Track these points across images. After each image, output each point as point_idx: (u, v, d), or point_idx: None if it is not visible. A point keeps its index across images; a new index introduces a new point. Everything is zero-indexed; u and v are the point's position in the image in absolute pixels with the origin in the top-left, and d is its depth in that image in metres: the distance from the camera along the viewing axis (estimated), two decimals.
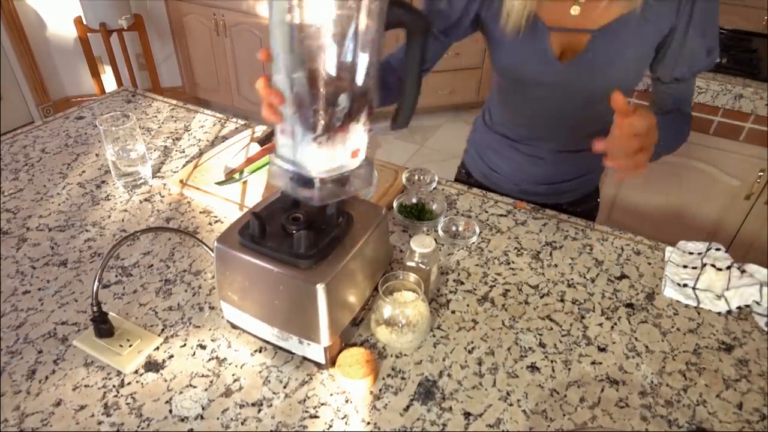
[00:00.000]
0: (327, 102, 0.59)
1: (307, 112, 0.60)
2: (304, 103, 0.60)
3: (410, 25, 0.64)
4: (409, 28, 0.64)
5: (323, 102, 0.59)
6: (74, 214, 1.01)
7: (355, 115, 0.62)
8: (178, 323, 0.80)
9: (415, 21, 0.64)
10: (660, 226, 2.08)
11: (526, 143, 1.09)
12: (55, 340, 0.77)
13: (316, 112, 0.60)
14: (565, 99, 0.97)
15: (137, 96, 1.45)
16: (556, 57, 0.92)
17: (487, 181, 1.19)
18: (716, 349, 0.78)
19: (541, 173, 1.11)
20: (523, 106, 1.06)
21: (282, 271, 0.66)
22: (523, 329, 0.80)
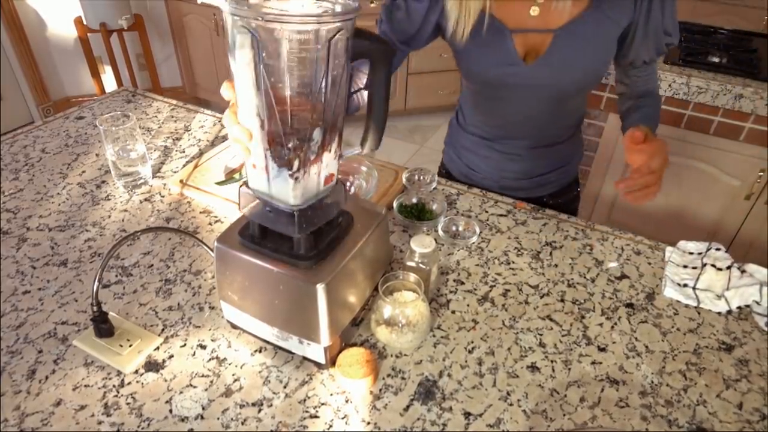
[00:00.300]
0: (300, 138, 0.60)
1: (281, 150, 0.60)
2: (276, 141, 0.60)
3: (375, 55, 0.64)
4: (374, 57, 0.64)
5: (297, 139, 0.60)
6: (74, 214, 1.01)
7: (328, 145, 0.63)
8: (178, 323, 0.80)
9: (381, 50, 0.64)
10: (660, 226, 2.08)
11: (501, 141, 1.11)
12: (55, 339, 0.77)
13: (291, 150, 0.60)
14: (533, 98, 0.99)
15: (137, 96, 1.45)
16: (521, 58, 0.93)
17: (468, 180, 1.20)
18: (716, 349, 0.78)
19: (519, 168, 1.13)
20: (493, 108, 1.07)
21: (282, 271, 0.66)
22: (524, 329, 0.80)
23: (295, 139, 0.59)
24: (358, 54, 0.61)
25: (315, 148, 0.61)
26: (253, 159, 0.63)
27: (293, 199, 0.63)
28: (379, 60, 0.64)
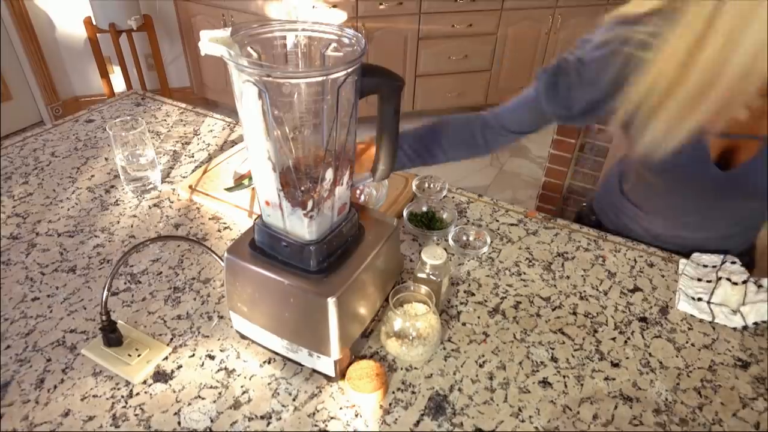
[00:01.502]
0: (313, 180, 0.60)
1: (294, 192, 0.60)
2: (289, 183, 0.60)
3: (385, 90, 0.63)
4: (383, 93, 0.64)
5: (309, 181, 0.60)
6: (83, 220, 1.01)
7: (340, 180, 0.63)
8: (187, 332, 0.79)
9: (390, 85, 0.63)
10: None
11: (667, 220, 1.01)
12: (64, 348, 0.76)
13: (304, 192, 0.60)
14: (711, 202, 0.92)
15: (146, 99, 1.45)
16: (716, 163, 0.83)
17: (621, 231, 1.09)
18: (732, 366, 0.77)
19: (682, 244, 1.01)
20: (668, 197, 0.98)
21: (293, 284, 0.66)
22: (535, 343, 0.79)
23: (308, 181, 0.59)
24: (368, 90, 0.60)
25: (328, 186, 0.60)
26: (266, 196, 0.63)
27: (309, 235, 0.63)
28: (389, 95, 0.63)
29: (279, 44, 0.61)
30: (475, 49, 3.22)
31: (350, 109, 0.58)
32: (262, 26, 0.59)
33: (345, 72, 0.53)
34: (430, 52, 3.16)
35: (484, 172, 3.02)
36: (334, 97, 0.55)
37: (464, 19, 3.08)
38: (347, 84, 0.55)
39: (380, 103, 0.63)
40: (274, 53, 0.61)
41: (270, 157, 0.59)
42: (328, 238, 0.66)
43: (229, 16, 2.99)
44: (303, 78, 0.52)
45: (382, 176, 0.70)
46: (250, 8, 2.90)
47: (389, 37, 3.02)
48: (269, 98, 0.53)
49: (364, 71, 0.58)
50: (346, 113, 0.58)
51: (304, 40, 0.61)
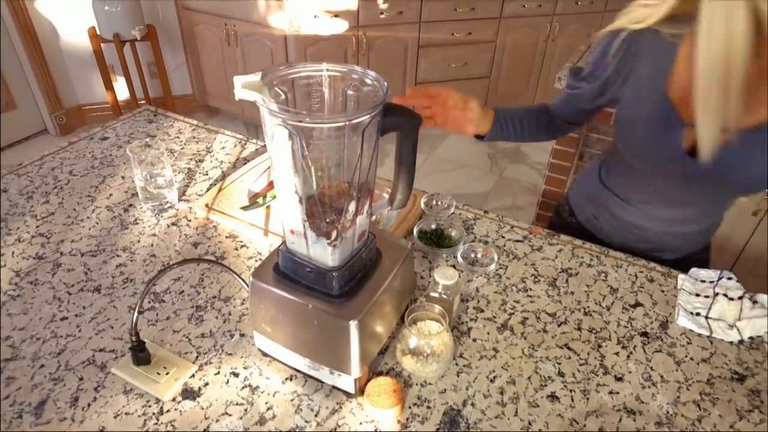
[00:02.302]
0: (337, 211, 0.64)
1: (320, 223, 0.64)
2: (315, 215, 0.64)
3: (404, 128, 0.67)
4: (403, 130, 0.67)
5: (333, 212, 0.64)
6: (104, 239, 1.04)
7: (361, 209, 0.67)
8: (211, 350, 0.83)
9: (409, 122, 0.67)
10: None
11: (637, 208, 1.07)
12: (95, 367, 0.80)
13: (329, 223, 0.64)
14: (689, 187, 0.97)
15: (158, 116, 1.49)
16: (687, 152, 0.88)
17: (589, 225, 1.18)
18: (729, 379, 0.81)
19: (645, 236, 1.09)
20: (642, 181, 1.04)
21: (316, 307, 0.70)
22: (542, 358, 0.84)
23: (332, 213, 0.63)
24: (389, 128, 0.64)
25: (350, 216, 0.64)
26: (291, 225, 0.66)
27: (332, 261, 0.67)
28: (408, 132, 0.67)
29: (304, 83, 0.65)
30: (475, 57, 3.27)
31: (372, 146, 0.62)
32: (288, 68, 0.63)
33: (370, 115, 0.57)
34: (430, 60, 3.20)
35: (484, 179, 3.06)
36: (359, 136, 0.59)
37: (464, 27, 3.12)
38: (371, 125, 0.59)
39: (399, 138, 0.67)
40: (299, 92, 0.65)
41: (297, 191, 0.63)
42: (349, 264, 0.70)
43: (232, 26, 3.02)
44: (332, 123, 0.56)
45: (399, 205, 0.74)
46: (252, 18, 2.93)
47: (390, 45, 3.06)
48: (298, 139, 0.57)
49: (385, 111, 0.62)
50: (369, 149, 0.62)
51: (327, 79, 0.65)
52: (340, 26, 2.90)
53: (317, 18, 2.84)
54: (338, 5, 2.84)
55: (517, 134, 1.07)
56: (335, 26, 2.90)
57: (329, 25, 2.88)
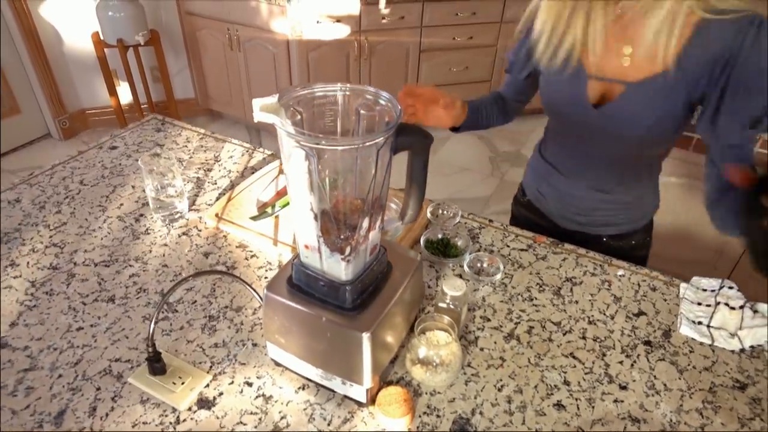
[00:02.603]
0: (351, 228, 0.66)
1: (334, 239, 0.66)
2: (330, 232, 0.66)
3: (416, 147, 0.69)
4: (414, 149, 0.69)
5: (347, 229, 0.66)
6: (117, 249, 1.06)
7: (374, 225, 0.69)
8: (225, 360, 0.85)
9: (420, 142, 0.68)
10: (669, 242, 2.12)
11: (566, 176, 1.15)
12: (111, 377, 0.82)
13: (343, 240, 0.66)
14: (599, 142, 1.04)
15: (166, 124, 1.51)
16: (591, 103, 0.98)
17: (537, 203, 1.25)
18: (731, 387, 0.83)
19: (580, 204, 1.16)
20: (565, 141, 1.14)
21: (330, 320, 0.72)
22: (548, 367, 0.86)
23: (346, 229, 0.65)
24: (402, 147, 0.66)
25: (363, 232, 0.66)
26: (306, 241, 0.68)
27: (345, 276, 0.69)
28: (420, 151, 0.69)
29: (319, 102, 0.67)
30: (476, 61, 3.29)
31: (386, 164, 0.64)
32: (304, 89, 0.65)
33: (384, 137, 0.59)
34: (432, 64, 3.22)
35: (485, 182, 3.08)
36: (372, 156, 0.61)
37: (465, 31, 3.14)
38: (385, 145, 0.61)
39: (411, 157, 0.69)
40: (314, 111, 0.67)
41: (312, 208, 0.64)
42: (362, 277, 0.72)
43: (234, 30, 3.04)
44: (348, 146, 0.58)
45: (410, 220, 0.76)
46: (255, 23, 2.95)
47: (391, 49, 3.08)
48: (314, 160, 0.59)
49: (398, 131, 0.64)
50: (382, 168, 0.64)
51: (342, 98, 0.67)
52: (342, 31, 2.92)
53: (319, 23, 2.86)
54: (340, 10, 2.86)
55: (483, 122, 1.18)
56: (337, 31, 2.92)
57: (331, 30, 2.90)
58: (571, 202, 1.17)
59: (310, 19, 2.83)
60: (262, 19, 2.91)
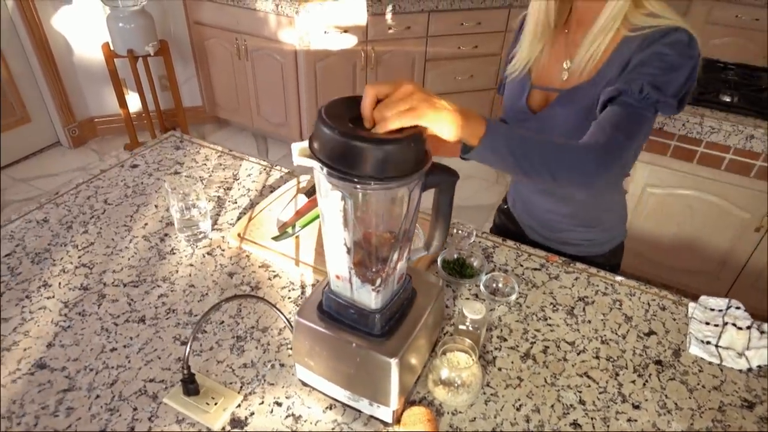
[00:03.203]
0: (382, 260, 0.70)
1: (366, 271, 0.70)
2: (362, 264, 0.70)
3: (443, 185, 0.73)
4: (442, 187, 0.73)
5: (378, 262, 0.70)
6: (144, 269, 1.10)
7: (402, 256, 0.72)
8: (254, 381, 0.89)
9: (447, 181, 0.72)
10: (673, 254, 2.16)
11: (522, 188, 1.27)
12: (147, 397, 0.86)
13: (374, 272, 0.70)
14: None
15: (185, 141, 1.54)
16: (531, 109, 1.10)
17: (513, 212, 1.35)
18: (739, 407, 0.87)
19: (546, 220, 1.26)
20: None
21: (359, 345, 0.75)
22: (564, 386, 0.89)
23: (378, 262, 0.69)
24: (430, 185, 0.69)
25: (393, 264, 0.70)
26: (337, 271, 0.72)
27: (375, 304, 0.73)
28: (446, 189, 0.73)
29: None
30: (481, 69, 3.33)
31: (415, 202, 0.68)
32: None
33: (417, 180, 0.63)
34: (437, 73, 3.26)
35: (492, 189, 3.12)
36: (405, 195, 0.65)
37: (470, 41, 3.18)
38: (416, 185, 0.65)
39: (438, 194, 0.73)
40: None
41: (346, 243, 0.68)
42: (390, 305, 0.76)
43: (242, 40, 3.08)
44: (383, 189, 0.62)
45: (435, 250, 0.80)
46: (263, 33, 2.99)
47: (397, 59, 3.12)
48: (350, 201, 0.63)
49: (428, 170, 0.67)
50: (412, 205, 0.68)
51: None
52: (350, 41, 2.96)
53: (327, 33, 2.90)
54: (348, 21, 2.89)
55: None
56: (345, 41, 2.96)
57: (339, 40, 2.94)
58: (536, 214, 1.27)
59: (317, 29, 2.87)
60: (271, 29, 2.95)
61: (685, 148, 1.92)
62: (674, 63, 0.89)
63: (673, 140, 1.92)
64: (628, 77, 0.90)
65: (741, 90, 1.96)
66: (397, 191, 0.63)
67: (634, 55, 0.93)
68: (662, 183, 2.04)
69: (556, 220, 1.24)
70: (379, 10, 2.89)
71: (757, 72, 2.15)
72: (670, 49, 0.89)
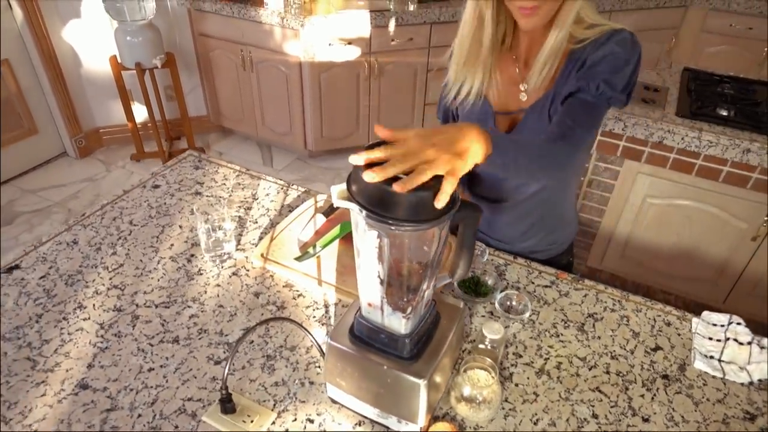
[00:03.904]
0: (412, 291, 0.75)
1: (398, 301, 0.75)
2: (393, 293, 0.75)
3: (468, 220, 0.78)
4: (467, 222, 0.78)
5: (409, 292, 0.75)
6: (174, 290, 1.15)
7: (431, 283, 0.78)
8: (286, 398, 0.94)
9: (474, 216, 0.76)
10: (673, 262, 2.23)
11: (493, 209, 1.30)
12: (186, 415, 0.91)
13: (405, 301, 0.75)
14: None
15: (203, 161, 1.59)
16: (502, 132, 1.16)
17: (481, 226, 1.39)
18: (742, 419, 0.93)
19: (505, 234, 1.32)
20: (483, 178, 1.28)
21: (390, 368, 0.81)
22: (578, 401, 0.95)
23: (409, 293, 0.74)
24: (456, 221, 0.74)
25: (423, 293, 0.76)
26: (369, 299, 0.77)
27: (404, 330, 0.78)
28: (471, 223, 0.78)
29: None
30: None
31: (444, 236, 0.74)
32: None
33: (449, 220, 0.68)
34: (439, 83, 3.29)
35: None
36: (436, 233, 0.70)
37: None
38: (446, 222, 0.70)
39: (463, 228, 0.79)
40: None
41: (380, 275, 0.74)
42: (418, 330, 0.81)
43: (248, 52, 3.13)
44: (417, 230, 0.67)
45: (459, 278, 0.85)
46: (268, 45, 3.04)
47: (400, 69, 3.18)
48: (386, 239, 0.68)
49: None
50: (441, 239, 0.73)
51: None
52: (353, 53, 3.02)
53: (331, 45, 2.95)
54: (352, 33, 2.95)
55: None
56: (348, 53, 3.01)
57: (343, 52, 2.99)
58: (495, 228, 1.32)
59: (322, 41, 2.92)
60: (276, 41, 3.00)
61: (684, 161, 1.98)
62: (624, 59, 1.00)
63: (673, 153, 1.98)
64: (585, 75, 1.02)
65: (737, 104, 2.03)
66: (429, 230, 0.69)
67: (588, 55, 1.01)
68: (662, 194, 2.10)
69: (519, 231, 1.31)
70: (382, 23, 2.95)
71: (752, 85, 2.21)
72: (619, 47, 1.00)
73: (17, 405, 0.91)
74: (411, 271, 0.75)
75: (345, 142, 3.36)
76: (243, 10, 2.97)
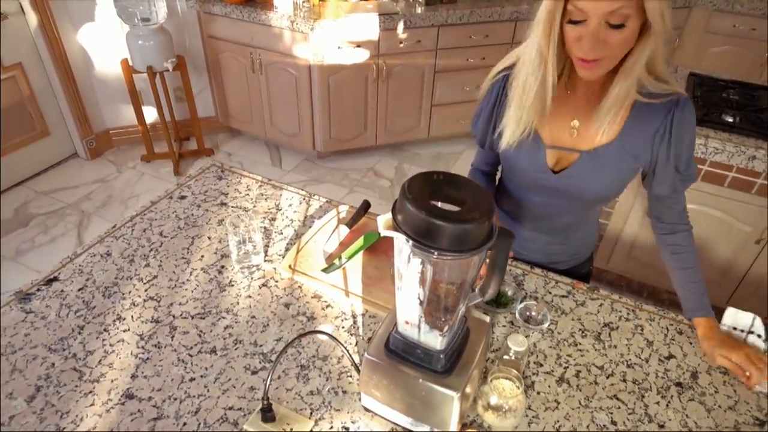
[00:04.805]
0: (450, 311, 0.80)
1: (435, 320, 0.80)
2: (431, 313, 0.80)
3: (501, 245, 0.81)
4: (500, 247, 0.81)
5: (447, 312, 0.80)
6: (208, 301, 1.20)
7: (464, 301, 0.83)
8: (322, 407, 0.99)
9: (507, 241, 0.79)
10: None
11: (523, 223, 1.34)
12: (229, 424, 0.96)
13: (443, 321, 0.80)
14: (556, 199, 1.21)
15: (226, 172, 1.64)
16: (550, 168, 1.16)
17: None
18: (752, 425, 0.99)
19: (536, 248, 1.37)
20: (522, 197, 1.29)
21: (425, 381, 0.86)
22: (597, 408, 1.01)
23: (446, 313, 0.80)
24: (492, 246, 0.79)
25: (459, 313, 0.81)
26: (406, 318, 0.83)
27: (440, 346, 0.84)
28: (504, 248, 0.82)
29: None
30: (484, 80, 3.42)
31: (480, 261, 0.79)
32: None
33: (488, 248, 0.73)
34: (446, 84, 3.36)
35: None
36: (475, 260, 0.75)
37: (478, 53, 3.28)
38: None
39: (497, 251, 0.84)
40: None
41: (419, 297, 0.79)
42: (451, 345, 0.86)
43: (257, 54, 3.16)
44: (458, 258, 0.72)
45: (490, 297, 0.91)
46: (277, 48, 3.07)
47: (408, 71, 3.22)
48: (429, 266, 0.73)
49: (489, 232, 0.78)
50: (478, 264, 0.78)
51: None
52: (362, 55, 3.05)
53: (340, 48, 2.99)
54: (360, 36, 2.98)
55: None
56: (357, 56, 3.05)
57: (351, 54, 3.03)
58: (528, 246, 1.37)
59: (331, 45, 2.96)
60: (285, 45, 3.03)
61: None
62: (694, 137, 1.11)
63: None
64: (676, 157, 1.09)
65: (742, 110, 2.07)
66: (470, 258, 0.74)
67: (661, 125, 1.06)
68: None
69: (553, 251, 1.37)
70: (390, 26, 2.98)
71: (757, 91, 2.26)
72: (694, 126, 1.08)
73: (69, 414, 0.97)
74: (448, 293, 0.80)
75: (353, 143, 3.40)
76: (253, 13, 3.00)
